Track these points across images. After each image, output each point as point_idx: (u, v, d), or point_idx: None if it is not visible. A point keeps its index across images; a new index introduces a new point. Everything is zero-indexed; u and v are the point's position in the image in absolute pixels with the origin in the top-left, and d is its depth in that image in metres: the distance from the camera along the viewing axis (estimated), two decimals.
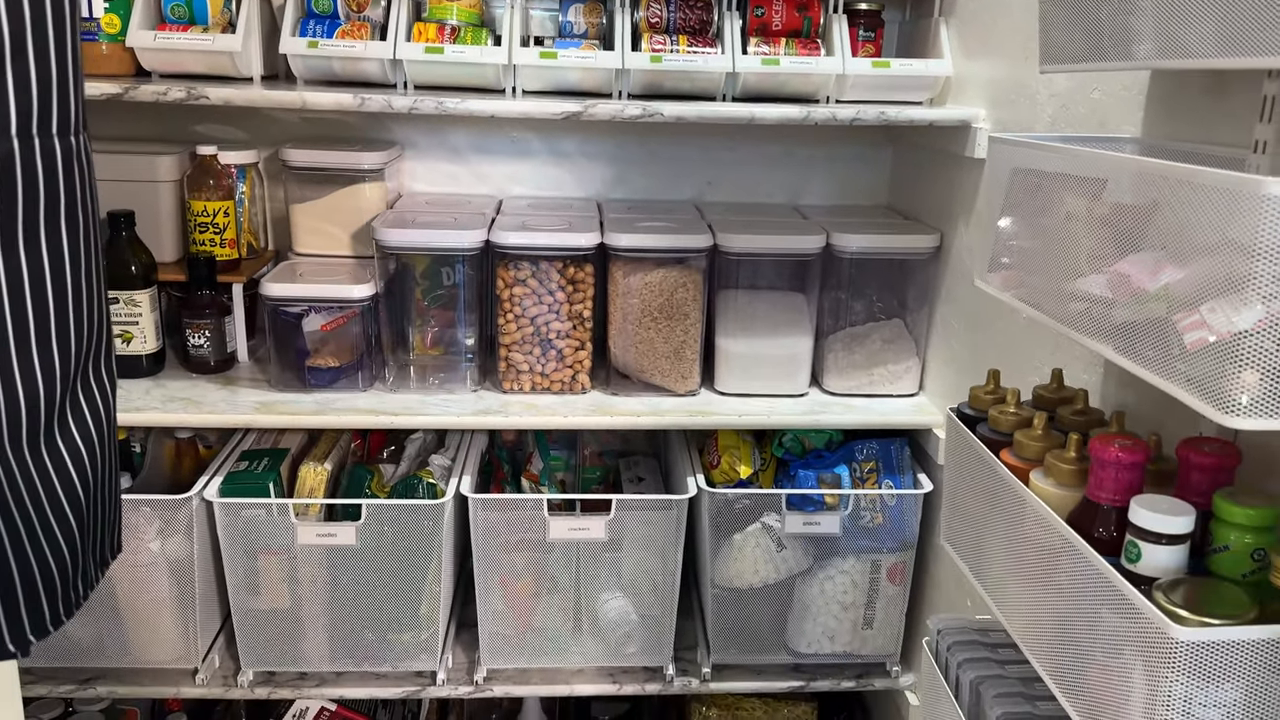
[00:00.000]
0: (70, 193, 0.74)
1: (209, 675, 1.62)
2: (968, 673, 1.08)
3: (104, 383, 0.82)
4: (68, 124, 0.73)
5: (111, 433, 0.83)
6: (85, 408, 0.79)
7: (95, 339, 0.80)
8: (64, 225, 0.73)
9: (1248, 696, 0.70)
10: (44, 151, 0.71)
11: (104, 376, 0.82)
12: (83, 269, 0.76)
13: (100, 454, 0.80)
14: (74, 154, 0.75)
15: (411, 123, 1.84)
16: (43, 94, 0.69)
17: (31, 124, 0.69)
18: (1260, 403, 0.65)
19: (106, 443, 0.82)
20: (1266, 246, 0.62)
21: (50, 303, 0.73)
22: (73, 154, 0.74)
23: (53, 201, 0.72)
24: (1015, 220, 1.02)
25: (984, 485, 1.01)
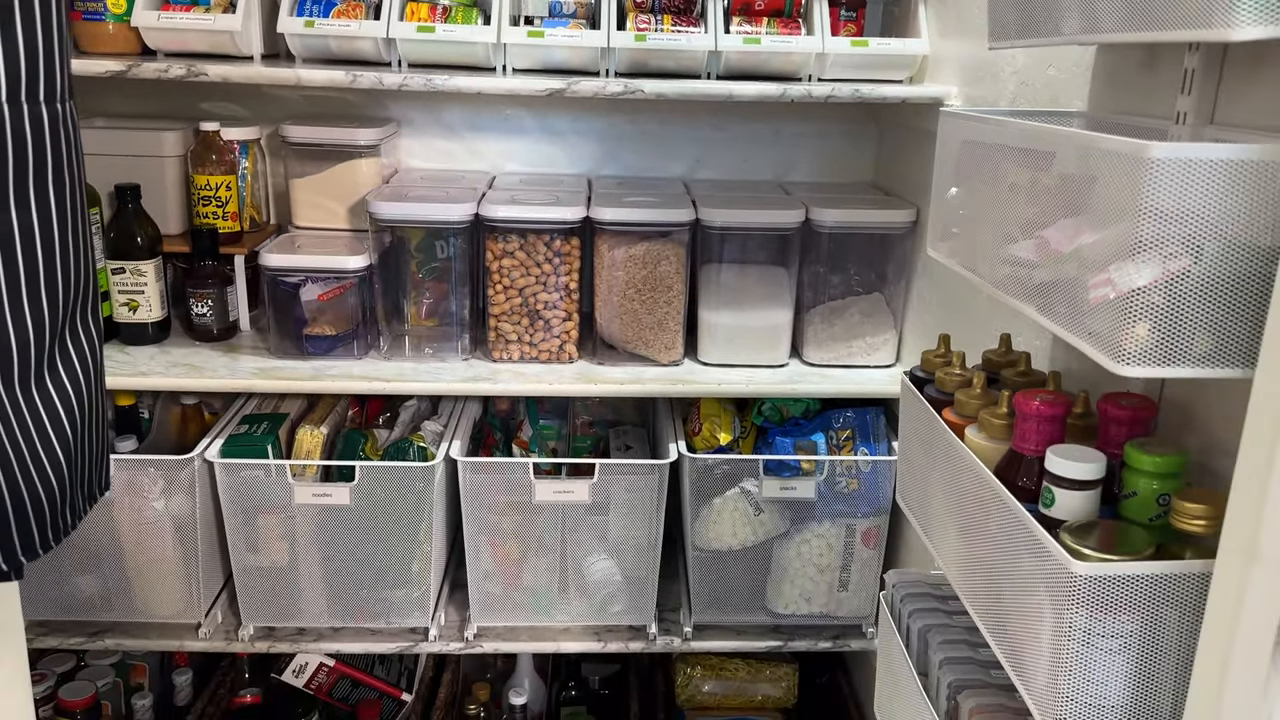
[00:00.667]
0: (57, 155, 0.80)
1: (211, 629, 1.70)
2: (917, 622, 1.14)
3: (90, 332, 0.89)
4: (54, 92, 0.79)
5: (99, 378, 0.90)
6: (73, 353, 0.85)
7: (82, 290, 0.86)
8: (51, 185, 0.80)
9: (1144, 628, 0.75)
10: (32, 117, 0.77)
11: (90, 326, 0.89)
12: (69, 225, 0.82)
13: (87, 397, 0.87)
14: (60, 120, 0.81)
15: (408, 100, 1.90)
16: (30, 63, 0.76)
17: (21, 91, 0.75)
18: (1149, 352, 0.70)
19: (94, 387, 0.89)
20: (1151, 206, 0.67)
21: (39, 256, 0.79)
22: (59, 120, 0.81)
23: (41, 163, 0.79)
24: (960, 190, 1.06)
25: (928, 441, 1.06)
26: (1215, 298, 0.69)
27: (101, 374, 0.90)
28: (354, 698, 1.89)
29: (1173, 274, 0.70)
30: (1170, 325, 0.69)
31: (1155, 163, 0.67)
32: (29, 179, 0.77)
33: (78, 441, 0.85)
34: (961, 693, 1.01)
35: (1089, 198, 0.77)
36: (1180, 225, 0.68)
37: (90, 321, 0.88)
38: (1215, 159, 0.66)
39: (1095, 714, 0.77)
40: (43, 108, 0.78)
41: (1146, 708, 0.77)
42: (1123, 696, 0.77)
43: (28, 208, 0.77)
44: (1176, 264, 0.71)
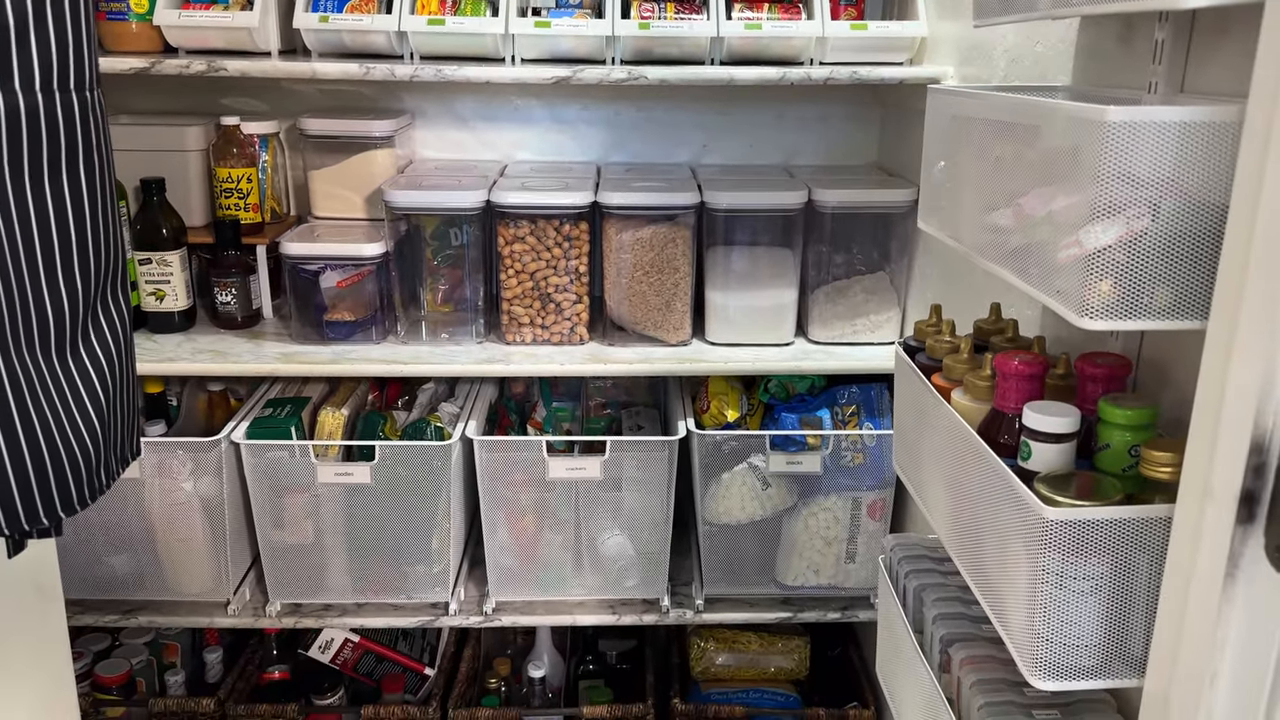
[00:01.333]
0: (86, 140, 0.86)
1: (240, 607, 1.76)
2: (912, 582, 1.18)
3: (120, 306, 0.95)
4: (84, 80, 0.85)
5: (129, 350, 0.96)
6: (104, 326, 0.91)
7: (110, 267, 0.92)
8: (82, 168, 0.85)
9: (1114, 570, 0.79)
10: (64, 104, 0.83)
11: (120, 301, 0.95)
12: (98, 206, 0.88)
13: (119, 365, 0.93)
14: (89, 107, 0.87)
15: (421, 92, 1.95)
16: (61, 54, 0.81)
17: (53, 79, 0.81)
18: (1111, 306, 0.74)
19: (125, 356, 0.95)
20: (1111, 167, 0.71)
21: (72, 232, 0.85)
22: (88, 107, 0.87)
23: (72, 147, 0.84)
24: (947, 164, 1.10)
25: (918, 406, 1.10)
26: (1173, 254, 0.73)
27: (131, 347, 0.96)
28: (378, 672, 1.95)
29: (1133, 233, 0.74)
30: (1131, 281, 0.73)
31: (1112, 126, 0.70)
32: (61, 161, 0.83)
33: (110, 407, 0.91)
34: (952, 645, 1.06)
35: (1057, 164, 0.81)
36: (1138, 186, 0.72)
37: (120, 297, 0.94)
38: (1168, 121, 0.70)
39: (1070, 653, 0.82)
40: (73, 95, 0.84)
41: (1118, 646, 0.81)
42: (1096, 636, 0.81)
43: (60, 187, 0.83)
44: (1139, 224, 0.75)
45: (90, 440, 0.89)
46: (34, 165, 0.80)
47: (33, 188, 0.80)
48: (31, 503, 0.84)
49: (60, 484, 0.85)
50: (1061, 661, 0.82)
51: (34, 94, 0.80)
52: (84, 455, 0.88)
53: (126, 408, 0.95)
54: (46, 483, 0.84)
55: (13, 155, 0.79)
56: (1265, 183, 0.60)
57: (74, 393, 0.87)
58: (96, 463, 0.90)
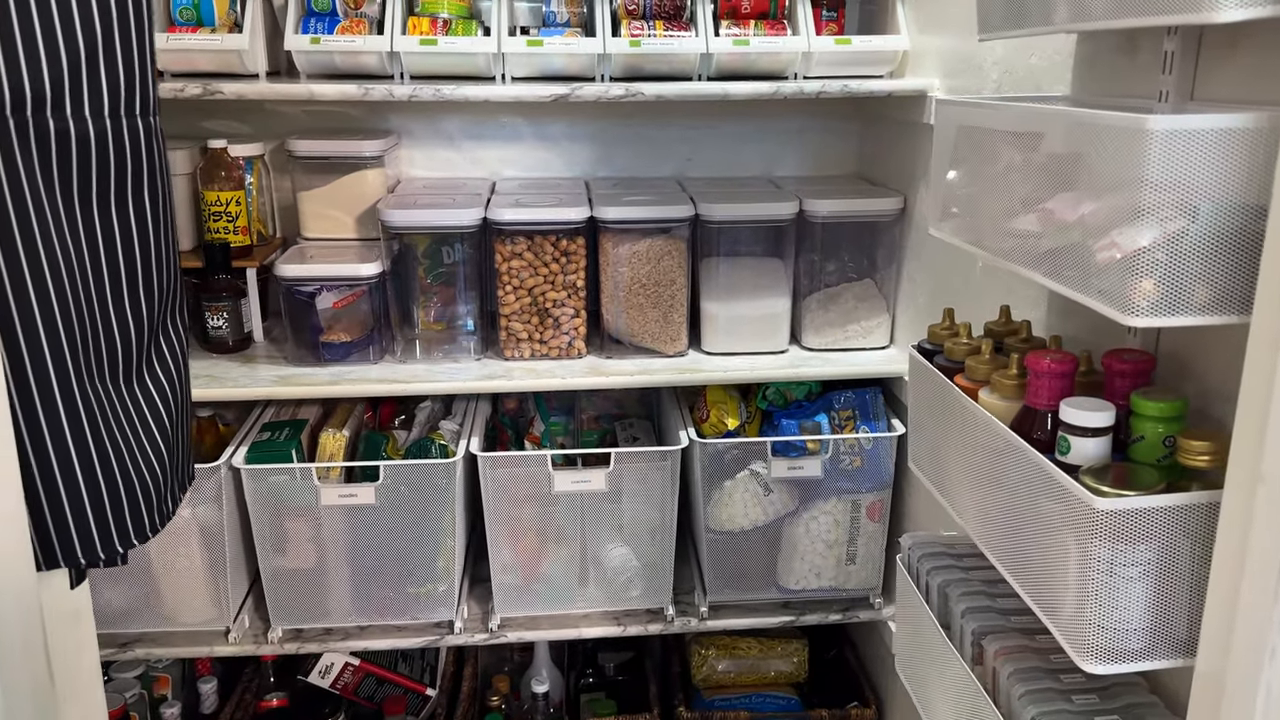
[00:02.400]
0: (151, 165, 0.86)
1: (240, 634, 1.74)
2: (936, 578, 1.21)
3: (179, 330, 0.95)
4: (148, 106, 0.85)
5: (186, 374, 0.96)
6: (166, 351, 0.91)
7: (171, 291, 0.92)
8: (146, 193, 0.85)
9: (1160, 556, 0.83)
10: (130, 130, 0.83)
11: (179, 325, 0.95)
12: (162, 229, 0.88)
13: (180, 389, 0.92)
14: (153, 132, 0.87)
15: (408, 111, 1.96)
16: (129, 79, 0.81)
17: (120, 105, 0.81)
18: (1156, 305, 0.78)
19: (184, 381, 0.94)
20: (1155, 172, 0.75)
21: (138, 257, 0.85)
22: (152, 132, 0.87)
23: (138, 172, 0.84)
24: (960, 172, 1.14)
25: (942, 406, 1.14)
26: (1211, 253, 0.77)
27: (188, 371, 0.96)
28: (379, 695, 1.93)
29: (1171, 234, 0.78)
30: (1172, 280, 0.77)
31: (1153, 134, 0.75)
32: (128, 187, 0.83)
33: (174, 431, 0.91)
34: (985, 637, 1.09)
35: (1091, 170, 0.85)
36: (1177, 190, 0.76)
37: (179, 321, 0.94)
38: (1206, 129, 0.74)
39: (1119, 637, 0.85)
40: (138, 120, 0.84)
41: (1164, 628, 0.85)
42: (1143, 620, 0.85)
43: (127, 213, 0.83)
44: (1173, 225, 0.79)
45: (159, 466, 0.88)
46: (102, 191, 0.80)
47: (101, 214, 0.80)
48: (107, 532, 0.83)
49: (133, 512, 0.85)
50: (1111, 646, 0.85)
51: (103, 120, 0.80)
52: (154, 481, 0.88)
53: (186, 433, 0.95)
54: (121, 511, 0.84)
55: (82, 182, 0.79)
56: None
57: (141, 419, 0.87)
58: (165, 488, 0.90)
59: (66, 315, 0.76)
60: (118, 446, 0.83)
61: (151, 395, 0.88)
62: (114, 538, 0.84)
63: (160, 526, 0.90)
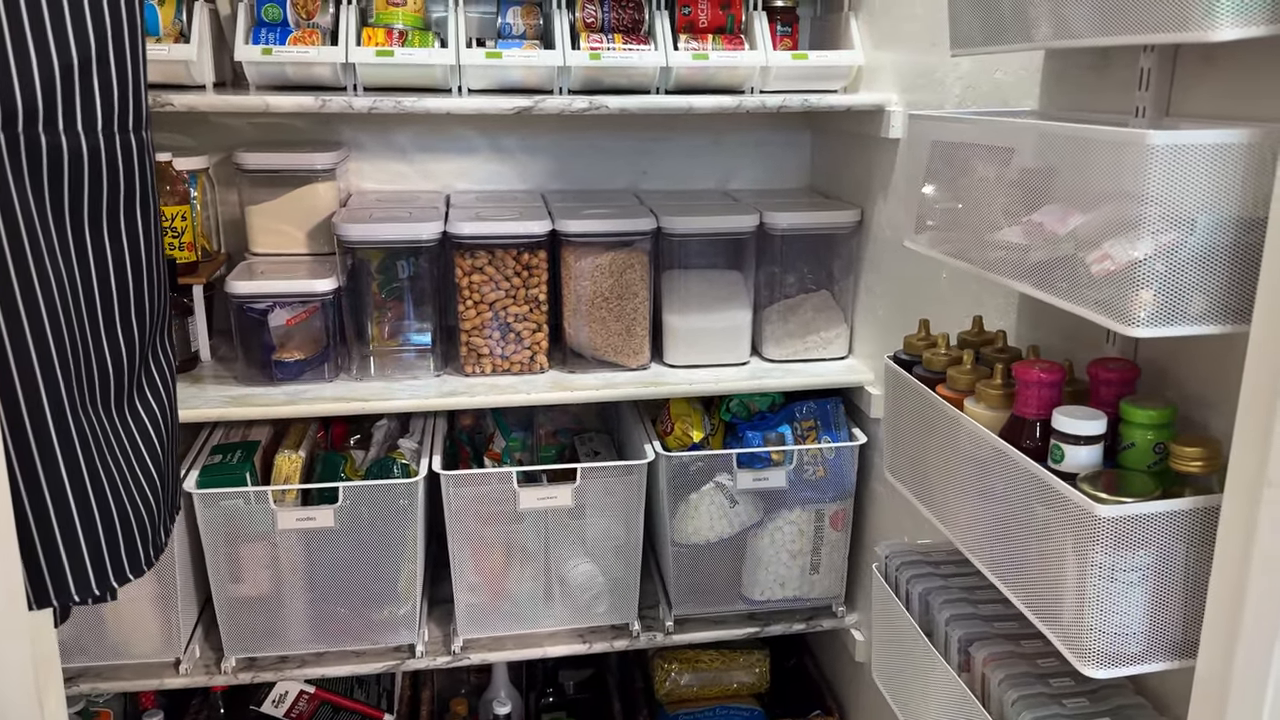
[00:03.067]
0: (144, 181, 0.82)
1: (192, 665, 1.67)
2: (916, 586, 1.22)
3: (169, 352, 0.90)
4: (140, 120, 0.81)
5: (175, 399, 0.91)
6: (156, 375, 0.87)
7: (162, 312, 0.87)
8: (139, 210, 0.81)
9: (1158, 561, 0.85)
10: (123, 145, 0.79)
11: (168, 348, 0.90)
12: (153, 248, 0.84)
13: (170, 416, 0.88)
14: (145, 148, 0.83)
15: (359, 123, 1.92)
16: (122, 93, 0.77)
17: (114, 121, 0.77)
18: (1155, 315, 0.80)
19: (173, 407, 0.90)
20: (1155, 186, 0.77)
21: (129, 277, 0.81)
22: (145, 148, 0.83)
23: (130, 188, 0.80)
24: (936, 186, 1.16)
25: (923, 417, 1.15)
26: (1206, 264, 0.79)
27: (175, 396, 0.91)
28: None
29: (1166, 246, 0.80)
30: (1170, 290, 0.79)
31: (1155, 148, 0.76)
32: (120, 204, 0.79)
33: (166, 458, 0.87)
34: (972, 644, 1.10)
35: (1084, 183, 0.86)
36: (1176, 203, 0.78)
37: (168, 344, 0.89)
38: (1205, 144, 0.76)
39: (1118, 641, 0.87)
40: (131, 136, 0.80)
41: (1161, 631, 0.87)
42: (1142, 624, 0.86)
43: (119, 231, 0.79)
44: (1168, 236, 0.81)
45: (153, 495, 0.84)
46: (94, 209, 0.76)
47: (92, 233, 0.76)
48: (102, 566, 0.78)
49: (128, 545, 0.80)
50: (1111, 650, 0.87)
51: (95, 135, 0.76)
52: (148, 512, 0.83)
53: (175, 460, 0.91)
54: (115, 544, 0.79)
55: (74, 199, 0.74)
56: None
57: (134, 447, 0.82)
58: (159, 519, 0.85)
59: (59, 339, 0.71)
60: (111, 476, 0.79)
61: (143, 421, 0.84)
62: (109, 572, 0.79)
63: (155, 559, 0.85)
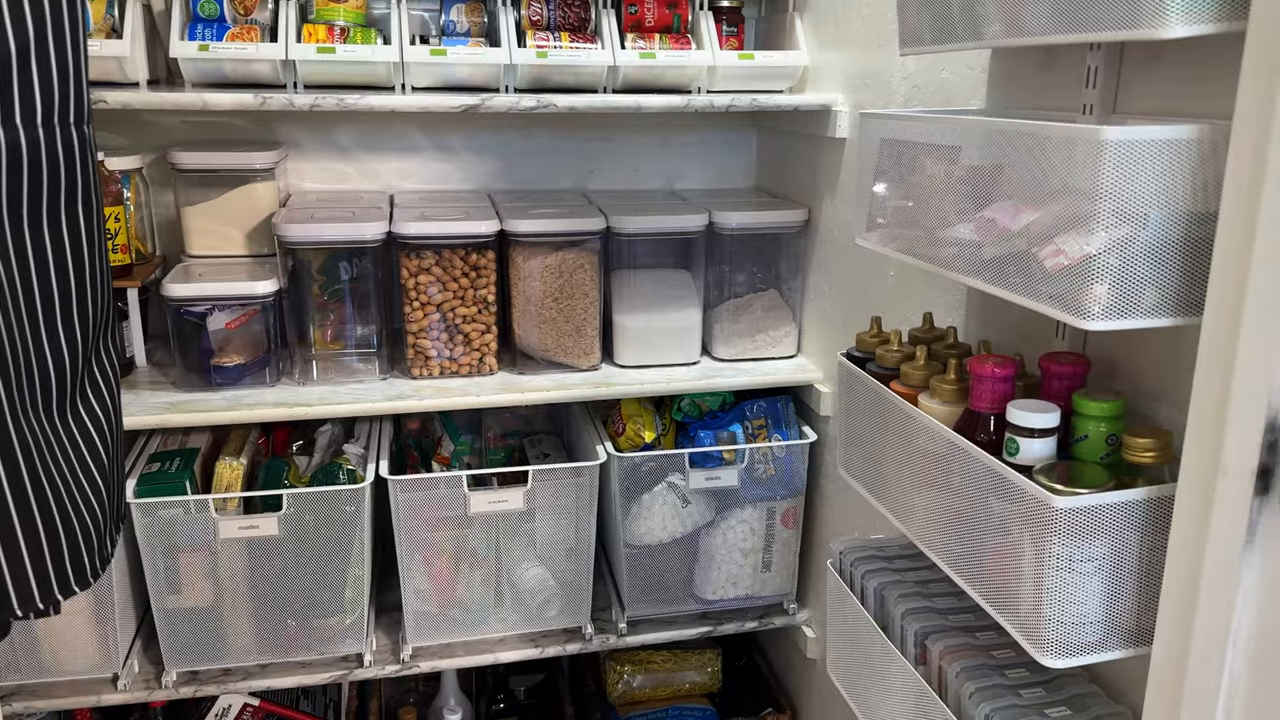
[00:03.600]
0: (85, 177, 0.79)
1: (130, 680, 1.62)
2: (872, 581, 1.23)
3: (112, 355, 0.87)
4: (81, 115, 0.78)
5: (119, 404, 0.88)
6: (100, 378, 0.83)
7: (106, 313, 0.84)
8: (80, 207, 0.78)
9: (1113, 550, 0.86)
10: (64, 140, 0.75)
11: (111, 351, 0.87)
12: (95, 247, 0.80)
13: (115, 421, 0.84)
14: (87, 142, 0.79)
15: (298, 122, 1.87)
16: (62, 85, 0.74)
17: (54, 114, 0.74)
18: (1109, 309, 0.81)
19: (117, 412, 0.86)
20: (1108, 181, 0.78)
21: (71, 278, 0.77)
22: (86, 142, 0.79)
23: (71, 184, 0.77)
24: (887, 184, 1.17)
25: (877, 414, 1.16)
26: (1159, 258, 0.80)
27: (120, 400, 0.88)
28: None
29: (1119, 240, 0.81)
30: (1123, 284, 0.81)
31: (1108, 144, 0.77)
32: (60, 200, 0.75)
33: (110, 468, 0.83)
34: (929, 637, 1.11)
35: (1037, 179, 0.87)
36: (1128, 198, 0.79)
37: (112, 347, 0.86)
38: (1156, 140, 0.77)
39: (1075, 631, 0.88)
40: (72, 130, 0.76)
41: (1116, 619, 0.88)
42: (1097, 613, 0.88)
43: (59, 229, 0.75)
44: (1120, 231, 0.82)
45: (97, 504, 0.80)
46: (33, 206, 0.73)
47: (32, 231, 0.72)
48: (46, 579, 0.75)
49: (74, 556, 0.77)
50: (1068, 639, 0.88)
51: (35, 128, 0.72)
52: (93, 521, 0.80)
53: (119, 467, 0.87)
54: (60, 556, 0.76)
55: (12, 195, 0.71)
56: (1265, 187, 0.68)
57: (77, 454, 0.79)
58: (104, 529, 0.82)
59: None
60: (55, 485, 0.75)
61: (87, 427, 0.80)
62: (53, 585, 0.75)
63: (101, 570, 0.82)
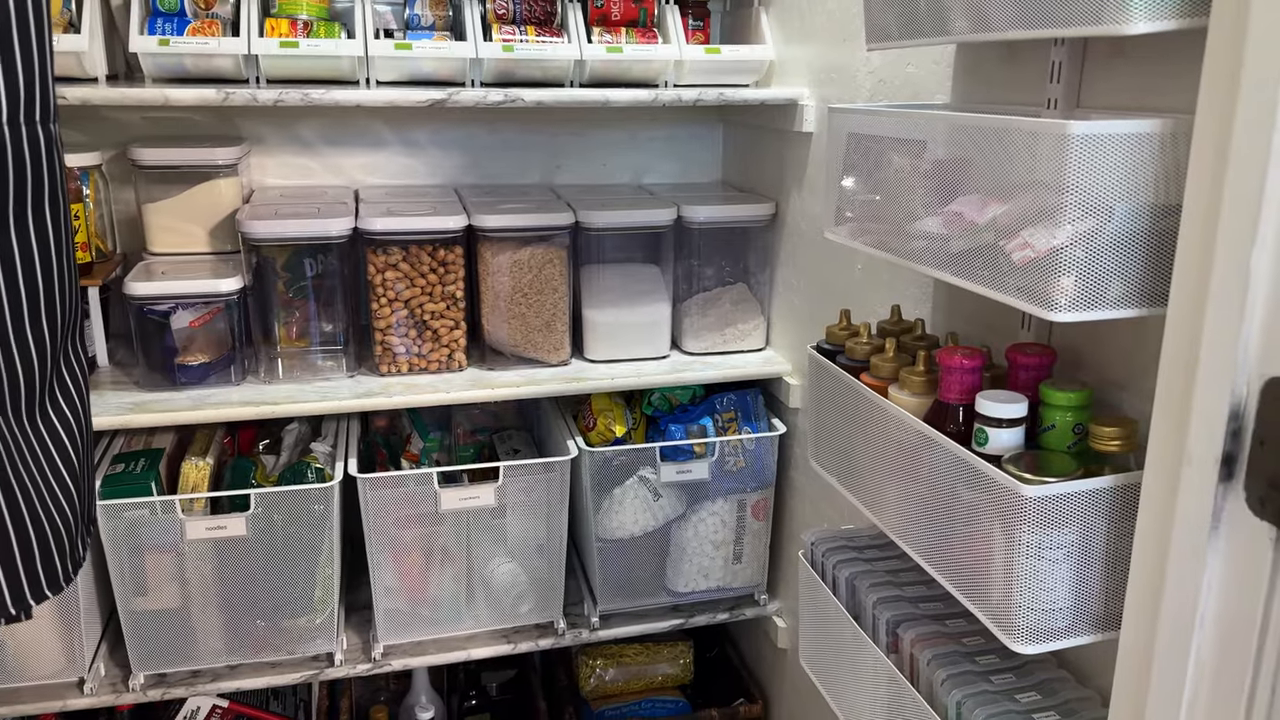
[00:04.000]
0: (52, 176, 0.77)
1: (97, 684, 1.60)
2: (843, 571, 1.24)
3: (80, 357, 0.85)
4: (48, 112, 0.76)
5: (89, 405, 0.86)
6: (69, 379, 0.82)
7: (73, 314, 0.82)
8: (47, 206, 0.76)
9: (1081, 538, 0.88)
10: (30, 138, 0.74)
11: (80, 351, 0.85)
12: (64, 246, 0.79)
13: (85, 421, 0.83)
14: (54, 140, 0.78)
15: (260, 117, 1.85)
16: (28, 82, 0.73)
17: (20, 111, 0.72)
18: (1076, 300, 0.82)
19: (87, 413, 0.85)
20: (1074, 174, 0.79)
21: (39, 280, 0.76)
22: (53, 141, 0.77)
23: (38, 185, 0.75)
24: (855, 178, 1.18)
25: (848, 406, 1.17)
26: (1124, 250, 0.82)
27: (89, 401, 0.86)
28: None
29: (1085, 232, 0.83)
30: (1089, 276, 0.82)
31: (1074, 138, 0.79)
32: (27, 200, 0.73)
33: (80, 470, 0.81)
34: (900, 625, 1.12)
35: (1004, 173, 0.89)
36: (1093, 191, 0.80)
37: (80, 346, 0.84)
38: (1121, 134, 0.79)
39: (1045, 617, 0.90)
40: (38, 129, 0.74)
41: (1084, 605, 0.90)
42: (1067, 599, 0.89)
43: (26, 229, 0.73)
44: (1085, 224, 0.83)
45: (69, 507, 0.79)
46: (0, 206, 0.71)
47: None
48: (18, 584, 0.73)
49: (45, 560, 0.75)
50: (1039, 626, 0.90)
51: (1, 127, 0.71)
52: (64, 524, 0.78)
53: (90, 469, 0.86)
54: (32, 560, 0.74)
55: None
56: (1227, 179, 0.70)
57: (47, 457, 0.77)
58: (75, 532, 0.81)
59: None
60: (25, 488, 0.74)
61: (56, 429, 0.79)
62: (25, 590, 0.74)
63: (74, 575, 0.80)
